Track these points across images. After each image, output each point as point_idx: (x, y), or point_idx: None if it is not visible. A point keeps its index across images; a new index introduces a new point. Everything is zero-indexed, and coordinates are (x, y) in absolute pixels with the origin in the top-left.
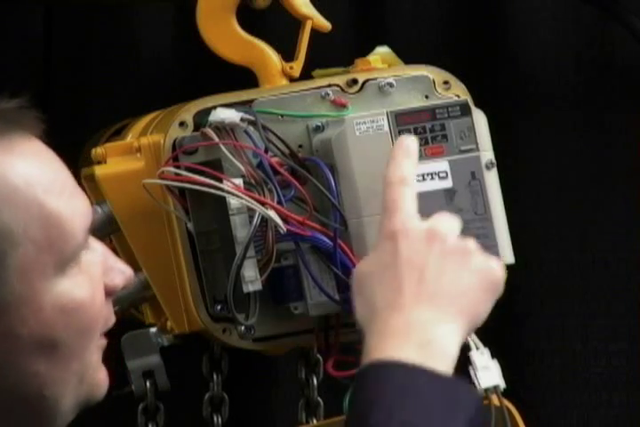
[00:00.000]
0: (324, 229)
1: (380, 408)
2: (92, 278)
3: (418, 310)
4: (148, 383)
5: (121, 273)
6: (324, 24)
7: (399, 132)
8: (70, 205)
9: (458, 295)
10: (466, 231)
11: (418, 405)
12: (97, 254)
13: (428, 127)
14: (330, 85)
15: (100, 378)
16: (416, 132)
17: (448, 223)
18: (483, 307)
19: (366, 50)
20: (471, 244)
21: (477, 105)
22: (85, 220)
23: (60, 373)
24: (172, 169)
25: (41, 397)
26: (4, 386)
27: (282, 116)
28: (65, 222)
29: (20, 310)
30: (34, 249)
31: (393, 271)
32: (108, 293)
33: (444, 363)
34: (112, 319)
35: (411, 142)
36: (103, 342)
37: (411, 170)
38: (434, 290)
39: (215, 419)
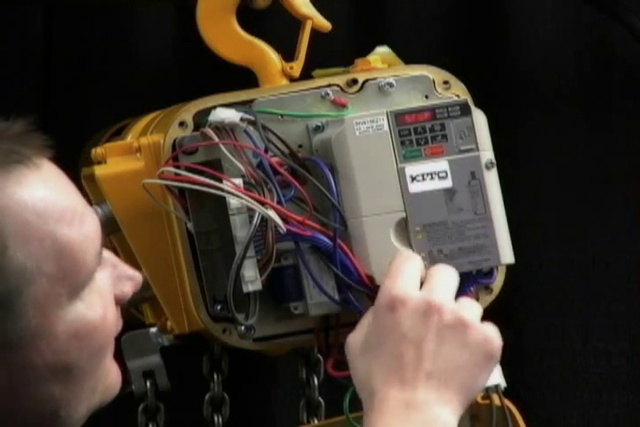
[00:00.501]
0: (323, 229)
1: None
2: (104, 296)
3: (416, 390)
4: (148, 383)
5: (130, 280)
6: (324, 24)
7: (399, 132)
8: (82, 232)
9: (455, 373)
10: (466, 231)
11: None
12: (107, 268)
13: (427, 127)
14: (330, 85)
15: (112, 381)
16: (416, 132)
17: (443, 291)
18: (480, 381)
19: (366, 50)
20: (467, 313)
21: (477, 105)
22: (97, 243)
23: (75, 392)
24: (171, 169)
25: (56, 417)
26: (19, 410)
27: (282, 116)
28: (78, 252)
29: (35, 342)
30: (48, 283)
31: (391, 347)
32: (118, 301)
33: None
34: (120, 325)
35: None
36: (113, 343)
37: (419, 262)
38: (431, 369)
39: (215, 419)
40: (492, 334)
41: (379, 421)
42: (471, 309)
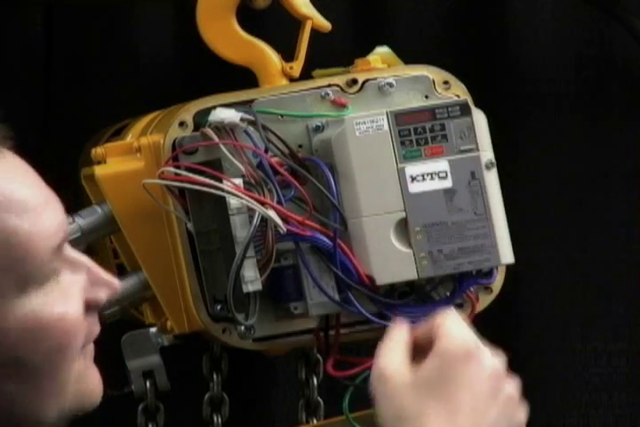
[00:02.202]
0: (323, 229)
1: None
2: (68, 295)
3: None
4: (148, 383)
5: (106, 286)
6: (324, 24)
7: (399, 132)
8: (36, 224)
9: None
10: (466, 231)
11: None
12: (81, 271)
13: (427, 127)
14: (330, 85)
15: (88, 387)
16: (416, 133)
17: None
18: None
19: (366, 50)
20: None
21: (477, 105)
22: (54, 238)
23: (32, 391)
24: (171, 169)
25: (10, 414)
26: None
27: (282, 116)
28: (27, 243)
29: None
30: None
31: (456, 395)
32: (92, 306)
33: None
34: (96, 330)
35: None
36: (90, 349)
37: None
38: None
39: (215, 419)
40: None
41: None
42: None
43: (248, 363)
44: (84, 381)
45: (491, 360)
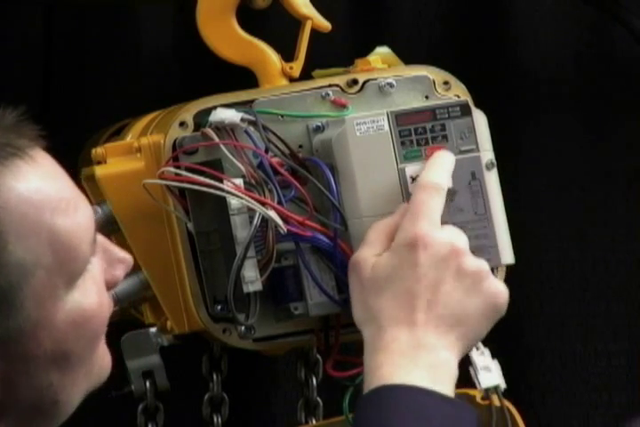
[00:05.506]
0: (324, 230)
1: None
2: (97, 282)
3: (427, 333)
4: (147, 383)
5: (121, 263)
6: (324, 24)
7: (399, 133)
8: (77, 220)
9: (464, 320)
10: (466, 231)
11: None
12: (98, 253)
13: (428, 127)
14: (330, 85)
15: (105, 363)
16: (416, 133)
17: (462, 239)
18: (482, 331)
19: (366, 50)
20: (485, 265)
21: (477, 105)
22: (91, 230)
23: (72, 378)
24: (172, 169)
25: (55, 403)
26: (18, 399)
27: (282, 116)
28: (74, 241)
29: (35, 334)
30: (46, 274)
31: (407, 286)
32: (110, 285)
33: (447, 385)
34: (112, 308)
35: (448, 155)
36: (105, 327)
37: (445, 179)
38: (443, 312)
39: (215, 419)
40: (503, 289)
41: (387, 360)
42: (486, 264)
43: (248, 363)
44: (103, 358)
45: (440, 240)
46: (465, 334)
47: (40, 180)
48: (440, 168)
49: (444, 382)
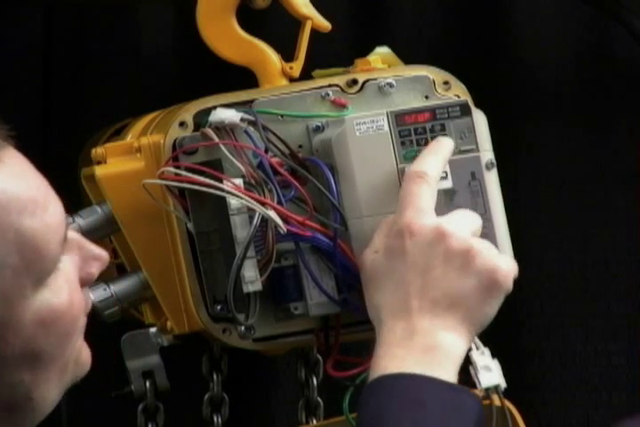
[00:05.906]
0: (324, 230)
1: (390, 422)
2: (69, 280)
3: (421, 318)
4: (147, 383)
5: (97, 260)
6: (324, 24)
7: (399, 133)
8: (45, 221)
9: (461, 300)
10: None
11: (427, 417)
12: (72, 250)
13: (428, 127)
14: (330, 85)
15: (83, 359)
16: (416, 133)
17: (458, 221)
18: (487, 308)
19: (366, 50)
20: (477, 243)
21: (477, 105)
22: (61, 230)
23: (45, 375)
24: (172, 169)
25: (28, 399)
26: None
27: (282, 116)
28: (41, 242)
29: (3, 333)
30: (12, 275)
31: (398, 277)
32: (85, 283)
33: (447, 369)
34: (89, 305)
35: (445, 141)
36: (83, 324)
37: (434, 167)
38: (436, 296)
39: (215, 419)
40: (499, 264)
41: (386, 353)
42: (482, 241)
43: (248, 363)
44: (80, 354)
45: (428, 226)
46: (466, 314)
47: (6, 180)
48: (431, 156)
49: (441, 364)
